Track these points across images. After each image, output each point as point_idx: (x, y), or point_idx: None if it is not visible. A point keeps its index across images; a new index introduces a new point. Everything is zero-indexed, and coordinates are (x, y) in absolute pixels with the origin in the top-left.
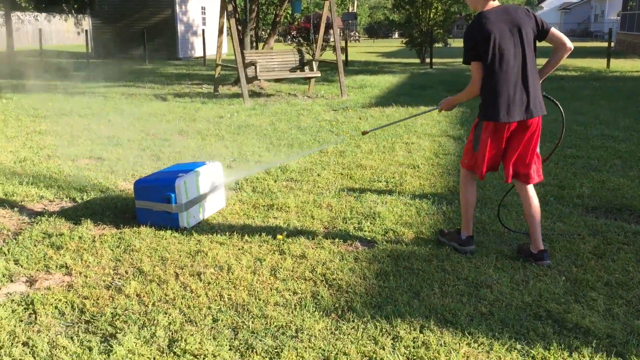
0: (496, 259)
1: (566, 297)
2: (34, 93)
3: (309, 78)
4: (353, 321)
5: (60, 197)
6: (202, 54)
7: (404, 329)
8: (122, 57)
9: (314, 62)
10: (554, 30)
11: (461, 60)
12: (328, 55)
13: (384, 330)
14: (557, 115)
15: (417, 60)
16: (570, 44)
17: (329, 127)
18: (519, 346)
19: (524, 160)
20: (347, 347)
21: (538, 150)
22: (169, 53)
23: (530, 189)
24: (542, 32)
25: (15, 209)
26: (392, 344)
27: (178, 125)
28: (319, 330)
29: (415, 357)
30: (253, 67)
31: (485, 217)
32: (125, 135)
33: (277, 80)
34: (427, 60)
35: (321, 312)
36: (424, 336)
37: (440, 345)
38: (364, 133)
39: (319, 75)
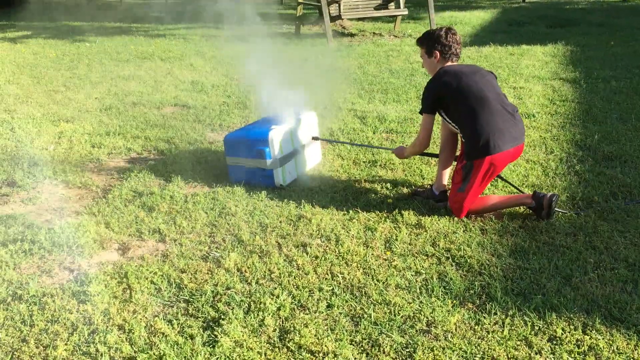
0: None
1: None
2: (115, 36)
3: (396, 16)
4: (495, 314)
5: (148, 150)
6: None
7: (562, 328)
8: None
9: None
10: None
11: None
12: None
13: (536, 327)
14: None
15: None
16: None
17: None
18: None
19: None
20: (494, 350)
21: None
22: None
23: None
24: None
25: (104, 162)
26: (550, 347)
27: (261, 69)
28: (455, 324)
29: None
30: (336, 4)
31: (630, 179)
32: (209, 80)
33: (360, 19)
34: None
35: (453, 300)
36: (589, 338)
37: (614, 352)
38: (313, 139)
39: (406, 12)
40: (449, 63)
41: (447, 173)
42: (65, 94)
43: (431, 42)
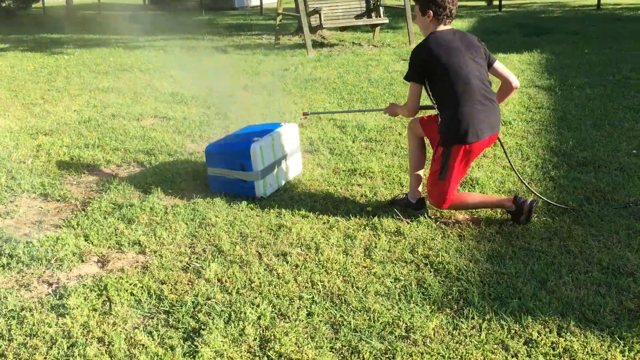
0: (629, 237)
1: None
2: (94, 48)
3: (376, 25)
4: (473, 318)
5: (127, 162)
6: (258, 3)
7: (537, 330)
8: (178, 8)
9: (380, 8)
10: (498, 64)
11: (534, 0)
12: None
13: (512, 331)
14: None
15: (484, 3)
16: (516, 82)
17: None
18: None
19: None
20: (472, 354)
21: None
22: (224, 3)
23: None
24: (487, 63)
25: (83, 175)
26: (526, 350)
27: (242, 79)
28: (434, 329)
29: None
30: (316, 15)
31: (604, 184)
32: (189, 92)
33: (340, 29)
34: (495, 2)
35: (432, 305)
36: (564, 341)
37: (588, 353)
38: (304, 115)
39: (387, 21)
40: (442, 26)
41: (420, 180)
42: (43, 106)
43: (425, 1)
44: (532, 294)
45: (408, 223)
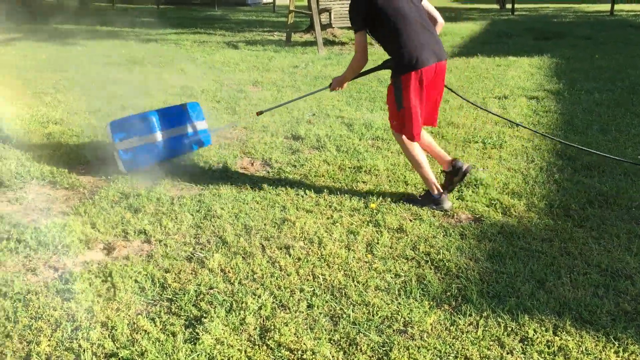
0: (629, 241)
1: None
2: (107, 40)
3: None
4: (470, 315)
5: None
6: (271, 0)
7: (534, 329)
8: (191, 3)
9: None
10: (425, 2)
11: (547, 5)
12: None
13: (509, 328)
14: None
15: (496, 6)
16: (441, 20)
17: None
18: None
19: (436, 106)
20: (468, 349)
21: None
22: None
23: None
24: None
25: (91, 164)
26: (521, 347)
27: (252, 75)
28: (431, 324)
29: None
30: (327, 13)
31: (607, 188)
32: (199, 86)
33: (351, 28)
34: (508, 5)
35: (431, 301)
36: (559, 339)
37: (582, 352)
38: (258, 114)
39: None
40: None
41: (431, 174)
42: (54, 96)
43: None
44: (530, 293)
45: (411, 221)
